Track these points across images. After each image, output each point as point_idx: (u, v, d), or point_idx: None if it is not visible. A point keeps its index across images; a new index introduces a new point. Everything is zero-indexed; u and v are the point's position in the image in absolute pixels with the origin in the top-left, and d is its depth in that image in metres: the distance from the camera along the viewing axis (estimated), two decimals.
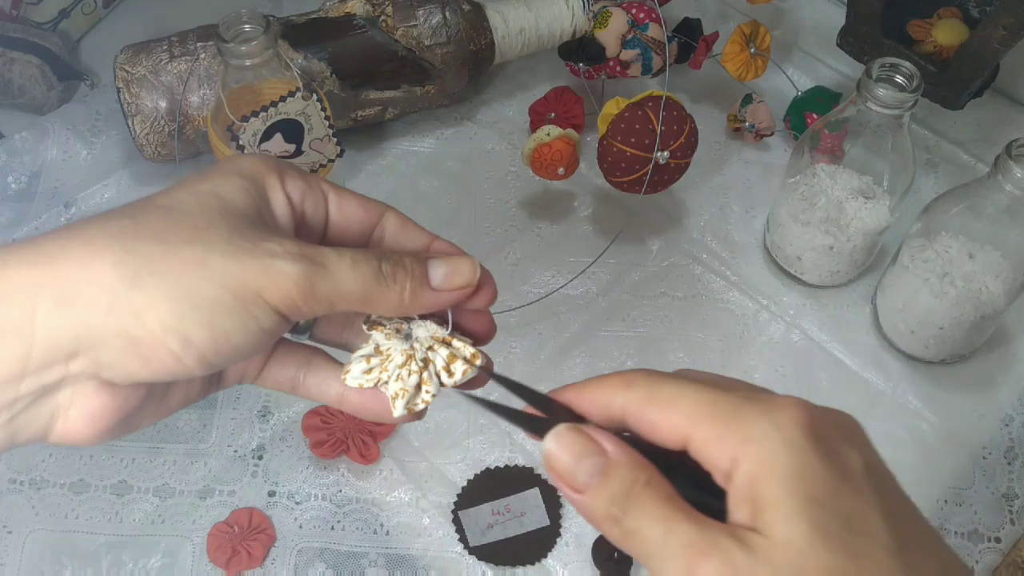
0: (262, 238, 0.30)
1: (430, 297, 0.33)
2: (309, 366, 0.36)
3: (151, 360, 0.29)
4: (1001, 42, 0.63)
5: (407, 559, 0.58)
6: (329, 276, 0.30)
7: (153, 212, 0.30)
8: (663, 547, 0.27)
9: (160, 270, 0.28)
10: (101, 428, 0.30)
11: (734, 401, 0.28)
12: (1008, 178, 0.53)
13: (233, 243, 0.29)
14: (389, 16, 0.70)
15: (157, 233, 0.29)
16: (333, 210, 0.35)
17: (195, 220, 0.30)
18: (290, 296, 0.29)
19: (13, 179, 0.72)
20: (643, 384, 0.30)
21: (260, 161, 0.33)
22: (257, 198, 0.32)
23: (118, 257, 0.28)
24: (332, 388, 0.35)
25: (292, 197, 0.33)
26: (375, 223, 0.35)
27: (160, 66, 0.68)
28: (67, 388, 0.29)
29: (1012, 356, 0.66)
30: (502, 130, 0.78)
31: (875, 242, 0.65)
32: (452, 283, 0.33)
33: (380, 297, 0.32)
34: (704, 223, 0.73)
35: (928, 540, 0.28)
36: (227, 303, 0.29)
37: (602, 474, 0.29)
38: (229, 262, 0.29)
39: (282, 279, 0.29)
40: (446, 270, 0.33)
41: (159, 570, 0.57)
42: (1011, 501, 0.60)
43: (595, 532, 0.58)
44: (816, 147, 0.63)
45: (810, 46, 0.83)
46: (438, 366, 0.34)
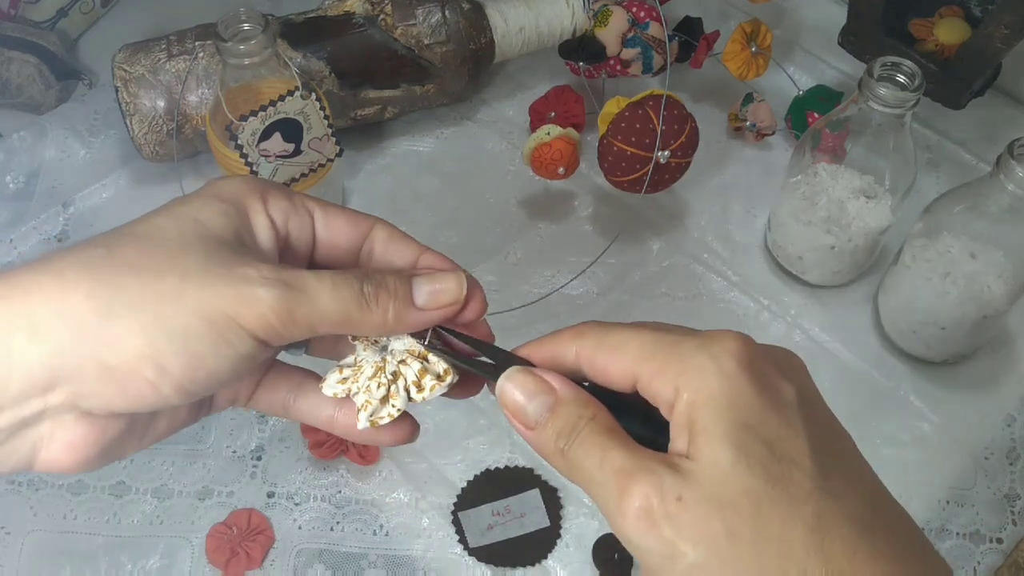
0: (239, 263, 0.30)
1: (415, 317, 0.33)
2: (300, 389, 0.36)
3: (128, 389, 0.29)
4: (1003, 41, 0.63)
5: (407, 560, 0.57)
6: (308, 300, 0.30)
7: (128, 240, 0.30)
8: (599, 473, 0.29)
9: (133, 300, 0.28)
10: (83, 458, 0.30)
11: (675, 339, 0.30)
12: (1010, 177, 0.53)
13: (208, 269, 0.29)
14: (388, 15, 0.70)
15: (131, 262, 0.29)
16: (320, 228, 0.35)
17: (170, 246, 0.30)
18: (267, 321, 0.30)
19: (11, 179, 0.72)
20: (593, 333, 0.32)
21: (242, 183, 0.33)
22: (238, 221, 0.32)
23: (91, 288, 0.28)
24: (323, 411, 0.36)
25: (275, 219, 0.33)
26: (364, 238, 0.35)
27: (158, 65, 0.68)
28: (47, 420, 0.29)
29: (1014, 356, 0.66)
30: (502, 130, 0.78)
31: (877, 242, 0.65)
32: (437, 302, 0.33)
33: (363, 319, 0.32)
34: (705, 223, 0.73)
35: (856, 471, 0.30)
36: (201, 330, 0.29)
37: (551, 410, 0.31)
38: (204, 289, 0.29)
39: (258, 304, 0.29)
40: (431, 288, 0.33)
41: (158, 571, 0.56)
42: (1013, 502, 0.60)
43: (595, 532, 0.58)
44: (817, 146, 0.63)
45: (811, 45, 0.83)
46: (408, 380, 0.34)
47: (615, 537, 0.59)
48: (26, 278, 0.29)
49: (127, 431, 0.31)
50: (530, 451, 0.60)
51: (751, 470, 0.27)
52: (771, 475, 0.27)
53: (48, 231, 0.71)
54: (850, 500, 0.29)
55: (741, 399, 0.28)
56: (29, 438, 0.29)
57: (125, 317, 0.28)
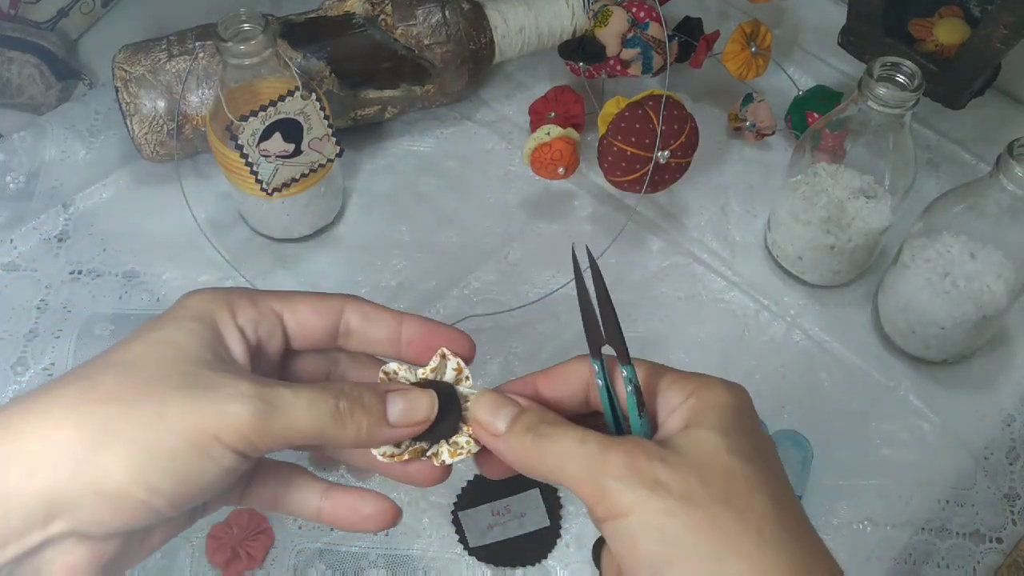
0: (216, 382, 0.32)
1: (386, 433, 0.35)
2: (288, 484, 0.38)
3: (123, 511, 0.31)
4: (1003, 41, 0.63)
5: (407, 560, 0.57)
6: (284, 415, 0.32)
7: (108, 370, 0.32)
8: (579, 447, 0.32)
9: (118, 429, 0.30)
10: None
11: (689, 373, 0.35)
12: (1010, 177, 0.53)
13: (187, 391, 0.31)
14: (388, 15, 0.70)
15: (113, 392, 0.31)
16: (290, 324, 0.36)
17: (149, 373, 0.32)
18: (245, 437, 0.31)
19: (11, 179, 0.72)
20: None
21: (209, 299, 0.35)
22: (211, 339, 0.34)
23: (78, 422, 0.30)
24: (311, 503, 0.38)
25: (245, 329, 0.35)
26: (336, 322, 0.37)
27: (159, 65, 0.68)
28: (50, 548, 0.31)
29: (1014, 356, 0.66)
30: (502, 130, 0.78)
31: (876, 242, 0.65)
32: (409, 419, 0.35)
33: (336, 434, 0.33)
34: (705, 223, 0.73)
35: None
36: (186, 450, 0.31)
37: (516, 417, 0.34)
38: (184, 411, 0.31)
39: (236, 421, 0.31)
40: (404, 407, 0.35)
41: (157, 571, 0.56)
42: (1013, 501, 0.60)
43: (595, 532, 0.58)
44: (817, 146, 0.63)
45: (811, 45, 0.83)
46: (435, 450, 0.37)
47: None
48: (16, 418, 0.31)
49: (124, 548, 0.33)
50: None
51: (731, 453, 0.31)
52: (750, 460, 0.31)
53: (48, 231, 0.71)
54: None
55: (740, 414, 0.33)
56: (32, 568, 0.31)
57: (112, 446, 0.30)
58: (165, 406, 0.31)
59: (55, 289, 0.68)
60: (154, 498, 0.31)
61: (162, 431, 0.30)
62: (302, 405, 0.32)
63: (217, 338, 0.34)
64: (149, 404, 0.31)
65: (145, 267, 0.70)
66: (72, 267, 0.70)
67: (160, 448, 0.30)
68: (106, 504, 0.30)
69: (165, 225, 0.71)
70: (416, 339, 0.37)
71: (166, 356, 0.32)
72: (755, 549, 0.29)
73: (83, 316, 0.67)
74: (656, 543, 0.29)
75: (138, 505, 0.31)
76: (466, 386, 0.37)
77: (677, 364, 0.67)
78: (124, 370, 0.32)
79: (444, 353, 0.37)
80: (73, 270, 0.70)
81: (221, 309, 0.35)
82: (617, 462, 0.31)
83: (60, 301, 0.68)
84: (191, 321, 0.34)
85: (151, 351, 0.32)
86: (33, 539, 0.30)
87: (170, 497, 0.31)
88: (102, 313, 0.67)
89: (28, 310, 0.67)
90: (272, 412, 0.32)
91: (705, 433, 0.31)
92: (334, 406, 0.33)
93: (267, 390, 0.32)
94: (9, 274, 0.69)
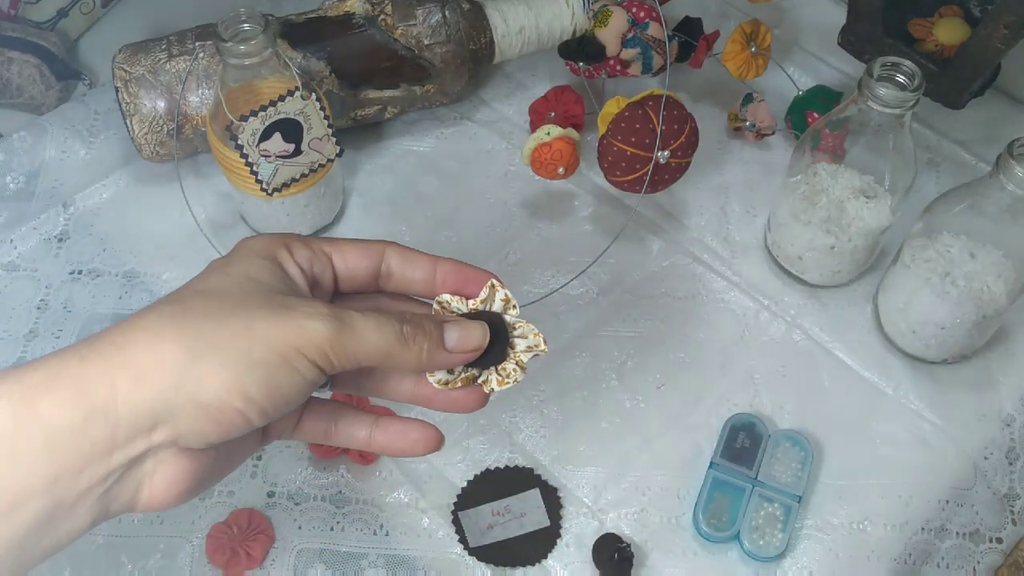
0: (295, 304, 0.35)
1: (444, 357, 0.38)
2: (338, 417, 0.41)
3: (221, 420, 0.33)
4: (1002, 41, 0.63)
5: (407, 560, 0.57)
6: (356, 335, 0.35)
7: (196, 297, 0.35)
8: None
9: (215, 341, 0.33)
10: (181, 491, 0.34)
11: None
12: (1010, 177, 0.53)
13: (271, 310, 0.34)
14: (388, 15, 0.70)
15: (205, 312, 0.33)
16: (339, 264, 0.40)
17: (234, 297, 0.34)
18: (323, 351, 0.34)
19: (11, 179, 0.72)
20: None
21: (269, 240, 0.38)
22: (278, 272, 0.37)
23: (176, 336, 0.33)
24: (360, 432, 0.41)
25: (302, 265, 0.38)
26: (378, 264, 0.40)
27: (159, 65, 0.68)
28: (150, 458, 0.33)
29: (1014, 356, 0.66)
30: (502, 130, 0.78)
31: (876, 242, 0.65)
32: (464, 346, 0.38)
33: (400, 355, 0.36)
34: (705, 223, 0.73)
35: None
36: (275, 361, 0.33)
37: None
38: (271, 327, 0.33)
39: (316, 336, 0.34)
40: (460, 334, 0.38)
41: (158, 571, 0.56)
42: (1012, 501, 0.60)
43: (595, 532, 0.58)
44: (817, 146, 0.63)
45: (811, 45, 0.83)
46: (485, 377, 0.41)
47: (615, 537, 0.59)
48: (118, 335, 0.33)
49: (216, 461, 0.36)
50: (530, 451, 0.61)
51: None
52: None
53: (48, 231, 0.71)
54: None
55: None
56: (135, 477, 0.33)
57: (209, 357, 0.32)
58: (253, 321, 0.33)
59: (55, 289, 0.69)
60: (249, 408, 0.33)
61: (254, 344, 0.33)
62: (371, 326, 0.35)
63: (282, 272, 0.37)
64: (238, 320, 0.33)
65: (145, 267, 0.70)
66: (72, 267, 0.70)
67: (252, 359, 0.33)
68: (205, 413, 0.32)
69: (165, 225, 0.71)
70: (450, 280, 0.40)
71: (244, 283, 0.35)
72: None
73: (83, 316, 0.67)
74: None
75: (234, 414, 0.33)
76: (513, 315, 0.41)
77: (677, 364, 0.67)
78: (209, 296, 0.34)
79: (493, 284, 0.41)
80: (73, 270, 0.70)
81: (280, 248, 0.37)
82: None
83: (60, 301, 0.68)
84: (257, 257, 0.37)
85: (229, 281, 0.35)
86: (138, 447, 0.32)
87: (261, 406, 0.33)
88: (102, 313, 0.67)
89: (28, 310, 0.67)
90: (346, 330, 0.34)
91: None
92: (399, 329, 0.36)
93: (341, 311, 0.35)
94: (9, 274, 0.69)
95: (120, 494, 0.33)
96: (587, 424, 0.62)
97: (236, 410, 0.33)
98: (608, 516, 0.59)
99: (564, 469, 0.60)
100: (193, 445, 0.33)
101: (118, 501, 0.33)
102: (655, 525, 0.59)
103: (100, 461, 0.31)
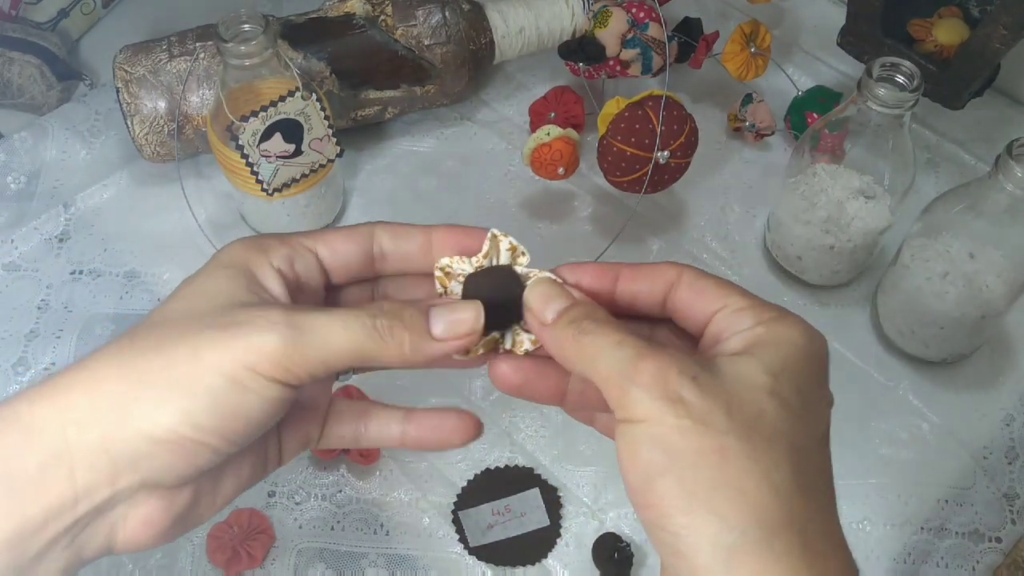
0: (248, 317, 0.32)
1: (434, 348, 0.34)
2: (367, 417, 0.38)
3: (181, 453, 0.31)
4: (1001, 41, 0.63)
5: (407, 559, 0.57)
6: (316, 338, 0.32)
7: (148, 329, 0.32)
8: (616, 350, 0.31)
9: (156, 375, 0.31)
10: (159, 531, 0.32)
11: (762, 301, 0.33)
12: (1009, 178, 0.53)
13: (219, 330, 0.31)
14: (388, 16, 0.70)
15: (151, 343, 0.32)
16: (326, 257, 0.36)
17: (183, 322, 0.32)
18: (279, 364, 0.31)
19: (12, 179, 0.72)
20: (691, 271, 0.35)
21: (241, 246, 0.35)
22: (245, 282, 0.34)
23: (118, 375, 0.31)
24: (393, 431, 0.38)
25: (281, 268, 0.35)
26: (368, 248, 0.37)
27: (159, 66, 0.68)
28: (121, 503, 0.31)
29: (1013, 356, 0.66)
30: (502, 130, 0.78)
31: (876, 242, 0.65)
32: (455, 332, 0.34)
33: (378, 352, 0.33)
34: (704, 223, 0.73)
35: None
36: (223, 386, 0.31)
37: (565, 310, 0.33)
38: (217, 348, 0.31)
39: (269, 349, 0.31)
40: (449, 319, 0.34)
41: (158, 570, 0.57)
42: (1012, 501, 0.60)
43: (595, 532, 0.58)
44: (817, 147, 0.63)
45: (810, 45, 0.83)
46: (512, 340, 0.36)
47: (615, 536, 0.58)
48: (63, 378, 0.31)
49: (196, 497, 0.33)
50: (530, 451, 0.61)
51: (771, 394, 0.30)
52: (788, 408, 0.30)
53: (49, 231, 0.71)
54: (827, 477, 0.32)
55: (803, 360, 0.31)
56: (106, 522, 0.31)
57: (154, 392, 0.31)
58: (198, 348, 0.31)
59: (56, 289, 0.69)
60: (205, 436, 0.31)
61: (199, 371, 0.31)
62: (336, 327, 0.32)
63: (252, 280, 0.34)
64: (183, 348, 0.31)
65: (146, 267, 0.70)
66: (73, 267, 0.70)
67: (199, 387, 0.31)
68: (163, 449, 0.31)
69: (166, 225, 0.71)
70: (447, 246, 0.37)
71: (199, 305, 0.33)
72: (755, 489, 0.28)
73: (84, 316, 0.67)
74: (657, 453, 0.29)
75: (192, 445, 0.31)
76: (523, 263, 0.37)
77: None
78: (159, 325, 0.32)
79: (494, 234, 0.37)
80: (74, 270, 0.70)
81: (254, 253, 0.35)
82: (647, 369, 0.30)
83: (61, 301, 0.68)
84: (223, 268, 0.34)
85: (183, 304, 0.33)
86: (102, 494, 0.30)
87: (220, 433, 0.31)
88: (103, 313, 0.68)
89: (29, 310, 0.67)
90: (303, 336, 0.31)
91: (753, 366, 0.30)
92: (371, 324, 0.33)
93: (297, 316, 0.32)
94: (10, 274, 0.69)
95: (91, 540, 0.31)
96: None
97: (192, 440, 0.31)
98: (608, 516, 0.59)
99: (564, 469, 0.61)
100: (165, 482, 0.32)
101: (90, 547, 0.32)
102: None
103: (63, 512, 0.30)
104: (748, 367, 0.30)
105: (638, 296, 0.35)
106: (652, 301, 0.35)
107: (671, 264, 0.35)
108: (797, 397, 0.30)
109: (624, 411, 0.30)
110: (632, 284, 0.35)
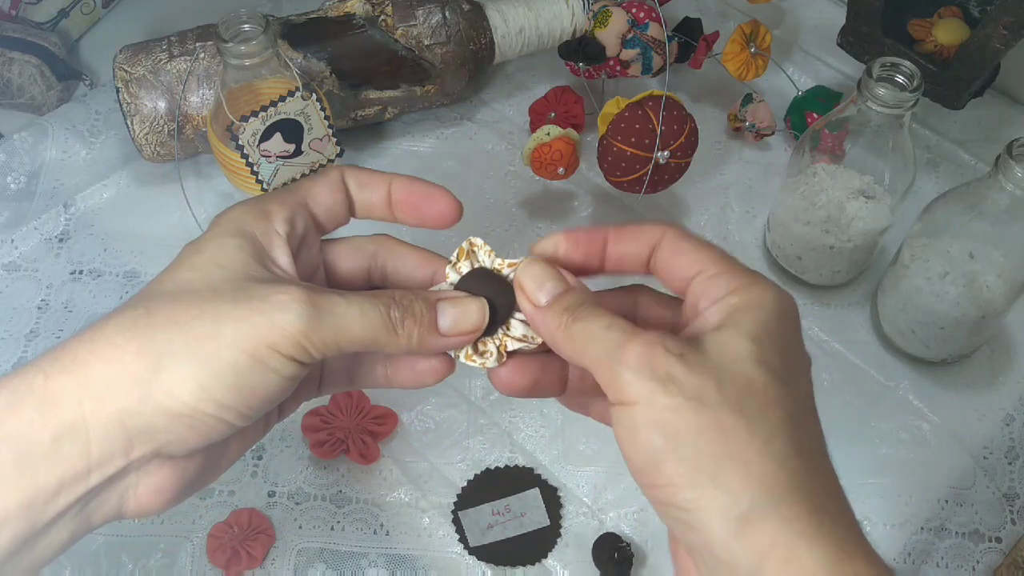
0: (267, 293, 0.32)
1: (438, 342, 0.35)
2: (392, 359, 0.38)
3: (197, 428, 0.31)
4: (1002, 41, 0.63)
5: (407, 559, 0.57)
6: (335, 322, 0.32)
7: (162, 299, 0.32)
8: (604, 333, 0.31)
9: (178, 350, 0.31)
10: (168, 497, 0.33)
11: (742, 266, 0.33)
12: (1009, 178, 0.53)
13: (239, 305, 0.32)
14: (389, 16, 0.70)
15: (169, 317, 0.32)
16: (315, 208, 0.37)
17: (202, 295, 0.32)
18: (299, 344, 0.32)
19: (12, 179, 0.72)
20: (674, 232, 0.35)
21: (245, 213, 0.35)
22: (255, 251, 0.34)
23: (139, 348, 0.31)
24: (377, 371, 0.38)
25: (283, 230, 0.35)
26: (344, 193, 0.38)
27: (159, 66, 0.68)
28: (132, 472, 0.32)
29: (1013, 355, 0.66)
30: (502, 130, 0.78)
31: (876, 242, 0.65)
32: (460, 328, 0.35)
33: (388, 342, 0.34)
34: (704, 223, 0.73)
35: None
36: (245, 363, 0.31)
37: (560, 294, 0.34)
38: (239, 325, 0.31)
39: (291, 329, 0.31)
40: (455, 315, 0.35)
41: (158, 570, 0.57)
42: (1012, 501, 0.60)
43: (595, 532, 0.58)
44: (817, 147, 0.63)
45: (811, 45, 0.83)
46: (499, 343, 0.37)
47: (615, 536, 0.58)
48: (81, 349, 0.31)
49: (205, 463, 0.34)
50: (530, 451, 0.61)
51: (757, 363, 0.30)
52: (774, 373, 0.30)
53: (49, 231, 0.71)
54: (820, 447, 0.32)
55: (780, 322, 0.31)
56: (117, 491, 0.32)
57: (174, 367, 0.31)
58: (220, 323, 0.31)
59: (56, 289, 0.69)
60: (223, 412, 0.31)
61: (220, 347, 0.31)
62: (354, 313, 0.33)
63: (260, 249, 0.34)
64: (204, 323, 0.31)
65: (146, 267, 0.70)
66: (73, 267, 0.70)
67: (220, 364, 0.31)
68: (180, 423, 0.31)
69: (166, 225, 0.71)
70: (402, 199, 0.39)
71: (214, 277, 0.33)
72: (756, 458, 0.29)
73: (84, 316, 0.67)
74: (655, 434, 0.29)
75: (209, 420, 0.31)
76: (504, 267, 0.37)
77: None
78: (176, 297, 0.32)
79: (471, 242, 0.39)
80: (74, 270, 0.70)
81: (258, 219, 0.35)
82: (635, 352, 0.30)
83: (61, 301, 0.68)
84: (231, 238, 0.34)
85: (199, 276, 0.33)
86: (115, 464, 0.31)
87: (238, 409, 0.32)
88: (103, 313, 0.66)
89: (29, 310, 0.67)
90: (323, 318, 0.32)
91: (735, 337, 0.30)
92: (386, 315, 0.33)
93: (318, 297, 0.32)
94: (10, 274, 0.69)
95: (101, 507, 0.32)
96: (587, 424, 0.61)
97: (210, 416, 0.31)
98: (608, 516, 0.59)
99: (564, 469, 0.61)
100: (176, 453, 0.32)
101: (100, 514, 0.32)
102: (655, 525, 0.59)
103: (77, 482, 0.30)
104: (731, 338, 0.31)
105: (625, 257, 0.35)
106: (638, 262, 0.35)
107: (655, 224, 0.35)
108: (780, 361, 0.31)
109: (616, 394, 0.30)
110: (619, 245, 0.36)
